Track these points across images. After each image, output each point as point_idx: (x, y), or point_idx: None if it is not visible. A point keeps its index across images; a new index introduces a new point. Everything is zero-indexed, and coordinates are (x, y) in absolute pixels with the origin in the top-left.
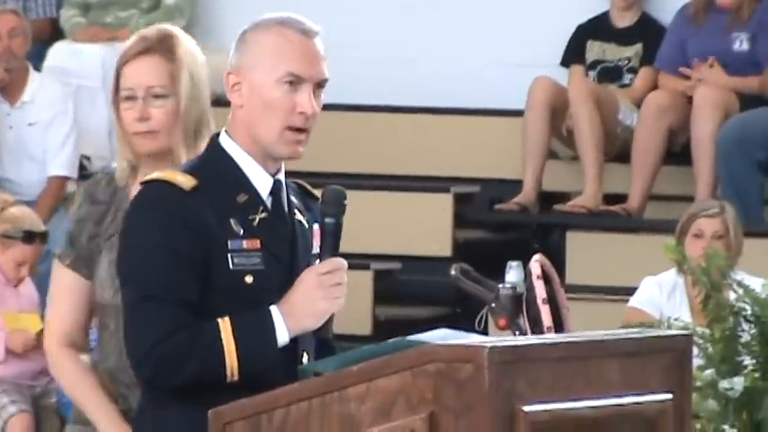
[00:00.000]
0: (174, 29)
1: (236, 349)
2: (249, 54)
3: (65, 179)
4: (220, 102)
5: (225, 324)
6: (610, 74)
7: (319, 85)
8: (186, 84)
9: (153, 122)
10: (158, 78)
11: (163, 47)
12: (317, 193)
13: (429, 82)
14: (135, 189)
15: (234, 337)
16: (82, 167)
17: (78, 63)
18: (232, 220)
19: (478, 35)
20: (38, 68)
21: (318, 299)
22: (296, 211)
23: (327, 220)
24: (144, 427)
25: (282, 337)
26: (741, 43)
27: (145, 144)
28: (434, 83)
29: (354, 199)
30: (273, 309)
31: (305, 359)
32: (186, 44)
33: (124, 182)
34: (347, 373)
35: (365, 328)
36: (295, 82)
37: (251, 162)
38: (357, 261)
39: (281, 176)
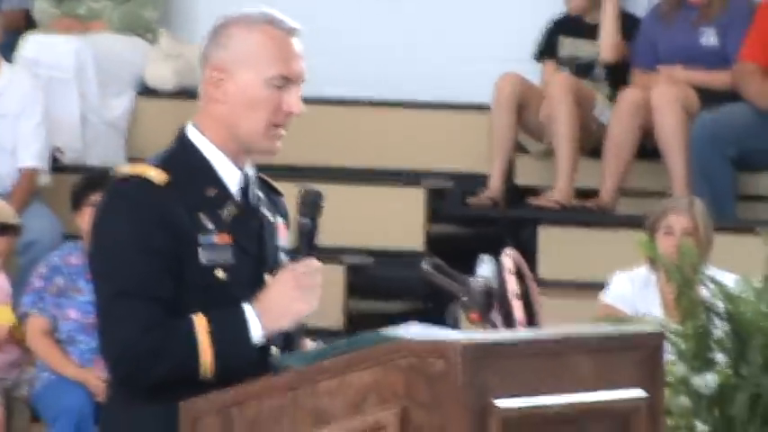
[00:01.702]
0: None
1: (212, 348)
2: (234, 51)
3: (36, 170)
4: (191, 94)
5: (200, 322)
6: (583, 70)
7: (299, 83)
8: None
9: None
10: None
11: None
12: (278, 186)
13: (402, 75)
14: None
15: (209, 336)
16: (54, 159)
17: (51, 54)
18: (202, 215)
19: (451, 29)
20: (10, 59)
21: (295, 299)
22: (262, 205)
23: (304, 220)
24: (114, 424)
25: (257, 336)
26: (709, 38)
27: None
28: (408, 76)
29: (327, 193)
30: (248, 307)
31: (273, 353)
32: None
33: None
34: (319, 367)
35: (337, 322)
36: (283, 82)
37: (220, 156)
38: (329, 255)
39: (250, 171)
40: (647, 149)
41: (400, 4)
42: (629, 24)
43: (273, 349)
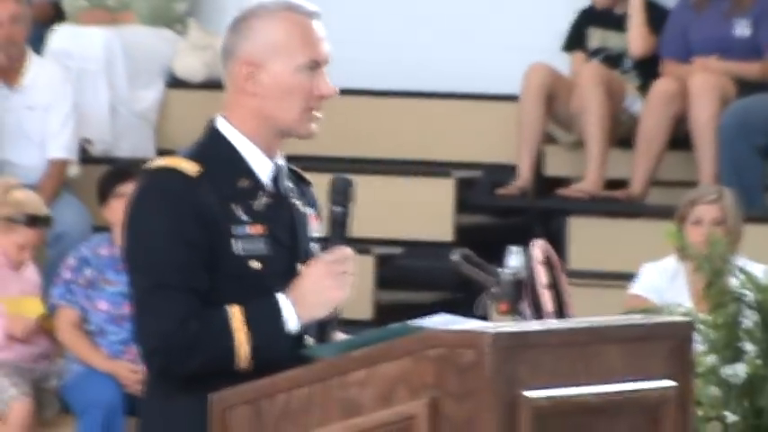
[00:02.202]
0: None
1: (248, 338)
2: (260, 43)
3: (65, 162)
4: (220, 85)
5: (235, 313)
6: (611, 61)
7: (326, 65)
8: None
9: None
10: None
11: None
12: (309, 177)
13: (432, 66)
14: None
15: (245, 326)
16: (83, 151)
17: (80, 46)
18: (234, 206)
19: (481, 20)
20: (39, 51)
21: (328, 288)
22: (293, 195)
23: (336, 209)
24: (153, 416)
25: (292, 326)
26: (742, 29)
27: None
28: (438, 67)
29: (356, 183)
30: (282, 297)
31: (307, 344)
32: None
33: None
34: (349, 358)
35: (366, 313)
36: (314, 67)
37: (251, 147)
38: (359, 246)
39: (280, 161)
40: (678, 139)
41: None
42: (657, 15)
43: (308, 339)
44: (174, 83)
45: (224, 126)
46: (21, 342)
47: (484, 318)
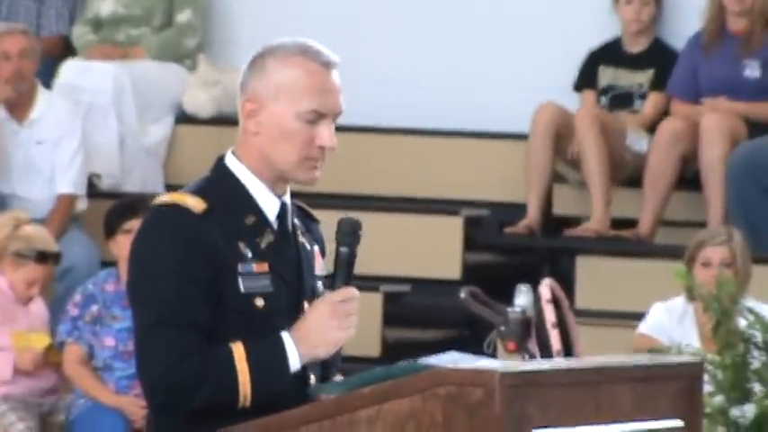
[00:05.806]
0: None
1: (250, 375)
2: (268, 83)
3: (73, 197)
4: (229, 121)
5: (238, 350)
6: (622, 100)
7: (335, 117)
8: None
9: None
10: None
11: None
12: (316, 214)
13: (441, 105)
14: None
15: (247, 363)
16: (92, 185)
17: (89, 80)
18: (240, 243)
19: (491, 59)
20: (48, 85)
21: (332, 328)
22: (299, 232)
23: (342, 249)
24: None
25: (294, 364)
26: (752, 70)
27: None
28: (447, 105)
29: (364, 221)
30: (286, 335)
31: (312, 382)
32: None
33: None
34: (358, 395)
35: (374, 350)
36: (315, 118)
37: (259, 184)
38: (366, 283)
39: (287, 198)
40: (686, 179)
41: (440, 34)
42: (665, 55)
43: (312, 378)
44: (184, 118)
45: (232, 162)
46: (28, 376)
47: (492, 356)
